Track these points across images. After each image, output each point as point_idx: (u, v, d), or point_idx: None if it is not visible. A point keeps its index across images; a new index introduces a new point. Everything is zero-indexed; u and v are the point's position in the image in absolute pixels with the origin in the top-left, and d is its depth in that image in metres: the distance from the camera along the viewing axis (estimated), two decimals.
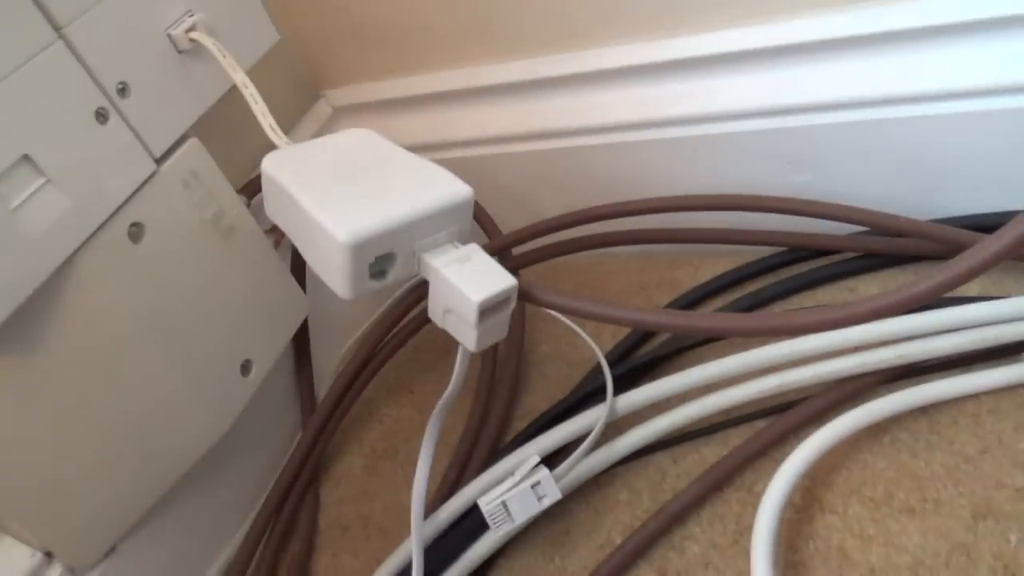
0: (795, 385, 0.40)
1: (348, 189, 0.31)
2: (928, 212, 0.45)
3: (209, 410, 0.42)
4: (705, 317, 0.33)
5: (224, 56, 0.41)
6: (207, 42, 0.41)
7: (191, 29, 0.40)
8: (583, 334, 0.44)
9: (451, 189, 0.31)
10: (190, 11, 0.41)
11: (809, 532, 0.36)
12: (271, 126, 0.42)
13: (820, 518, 0.37)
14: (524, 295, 0.32)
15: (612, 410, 0.41)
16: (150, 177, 0.39)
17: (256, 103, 0.42)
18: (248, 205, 0.47)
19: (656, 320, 0.32)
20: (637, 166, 0.51)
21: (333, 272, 0.29)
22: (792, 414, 0.40)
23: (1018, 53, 0.39)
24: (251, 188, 0.48)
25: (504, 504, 0.37)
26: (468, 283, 0.29)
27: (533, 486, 0.38)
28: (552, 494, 0.38)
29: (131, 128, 0.38)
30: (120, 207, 0.37)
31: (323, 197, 0.30)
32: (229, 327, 0.43)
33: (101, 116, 0.36)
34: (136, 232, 0.38)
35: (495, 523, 0.38)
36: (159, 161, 0.39)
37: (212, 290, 0.42)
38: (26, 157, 0.33)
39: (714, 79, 0.47)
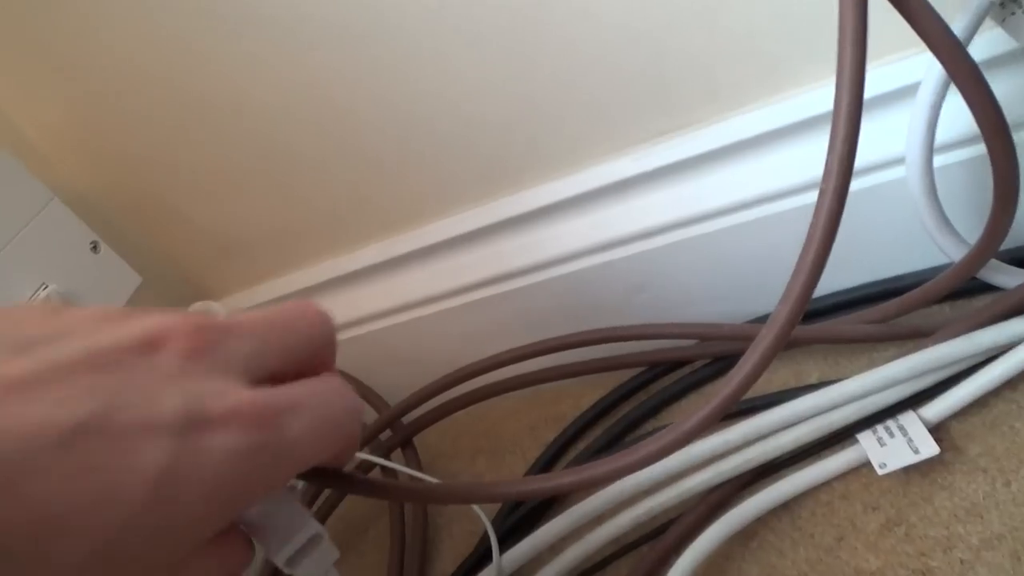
0: (664, 506, 0.42)
1: None
2: (762, 307, 0.48)
3: None
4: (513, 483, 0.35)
5: None
6: None
7: (46, 300, 0.44)
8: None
9: None
10: (44, 284, 0.44)
11: None
12: None
13: None
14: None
15: (500, 570, 0.42)
16: None
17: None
18: None
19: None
20: (500, 316, 0.54)
21: None
22: (667, 536, 0.41)
23: (783, 162, 0.43)
24: None
25: None
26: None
27: None
28: None
29: None
30: None
31: None
32: None
33: None
34: None
35: None
36: None
37: None
38: None
39: (547, 228, 0.51)
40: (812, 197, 0.44)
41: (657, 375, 0.51)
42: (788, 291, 0.30)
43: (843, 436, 0.40)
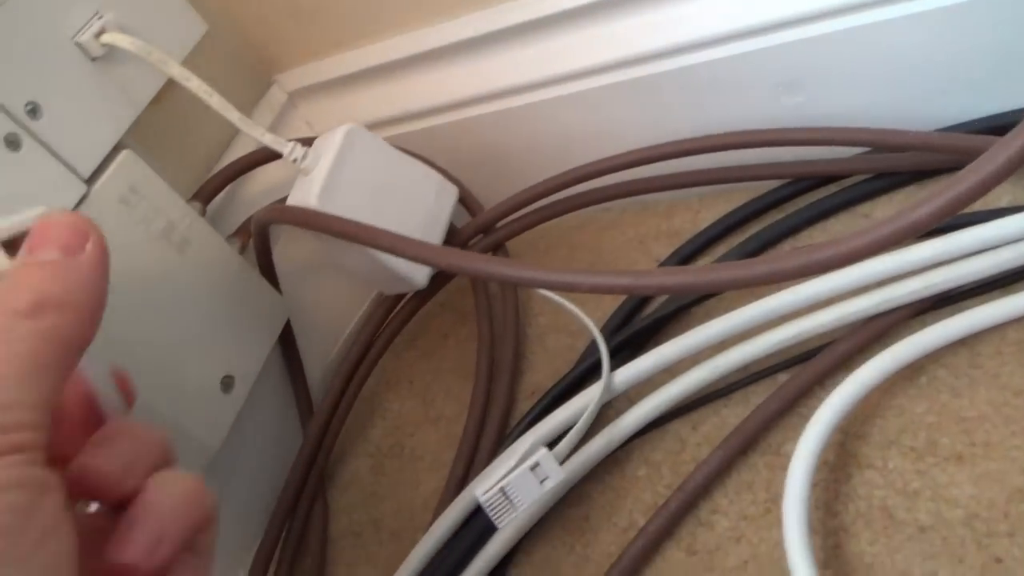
0: (816, 332, 0.36)
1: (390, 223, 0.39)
2: (937, 120, 0.40)
3: (192, 434, 0.40)
4: (687, 272, 0.29)
5: (150, 53, 0.38)
6: (124, 43, 0.37)
7: (101, 32, 0.37)
8: (570, 305, 0.40)
9: (446, 195, 0.45)
10: (98, 13, 0.37)
11: (847, 492, 0.33)
12: (240, 119, 0.39)
13: (858, 475, 0.33)
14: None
15: (610, 386, 0.38)
16: (81, 200, 0.36)
17: (211, 96, 0.39)
18: (204, 212, 0.43)
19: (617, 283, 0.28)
20: (615, 113, 0.46)
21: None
22: (815, 363, 0.36)
23: None
24: (207, 192, 0.44)
25: (503, 491, 0.34)
26: None
27: (532, 468, 0.35)
28: (555, 475, 0.35)
29: (49, 151, 0.34)
30: None
31: None
32: (200, 345, 0.41)
33: (12, 143, 0.33)
34: None
35: (497, 514, 0.35)
36: (90, 181, 0.36)
37: (174, 309, 0.39)
38: None
39: (683, 5, 0.42)
40: None
41: (800, 191, 0.44)
42: None
43: None
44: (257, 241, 0.43)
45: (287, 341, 0.49)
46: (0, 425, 0.18)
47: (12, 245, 0.24)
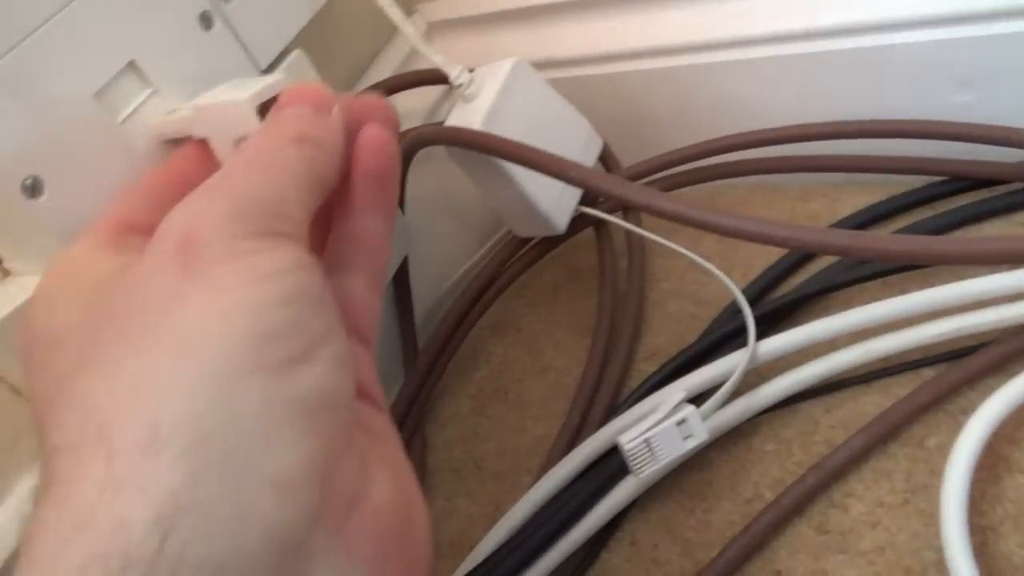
0: (975, 330, 0.35)
1: None
2: None
3: None
4: (900, 240, 0.28)
5: None
6: None
7: None
8: (716, 270, 0.40)
9: (594, 146, 0.46)
10: None
11: (996, 494, 0.33)
12: (415, 34, 0.40)
13: (1008, 478, 0.33)
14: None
15: (754, 355, 0.37)
16: None
17: (391, 6, 0.39)
18: None
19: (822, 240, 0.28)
20: (771, 86, 0.46)
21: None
22: (970, 361, 0.35)
23: None
24: None
25: (648, 442, 0.34)
26: None
27: (678, 423, 0.34)
28: (699, 434, 0.34)
29: (236, 35, 0.34)
30: None
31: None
32: None
33: (205, 20, 0.32)
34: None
35: (637, 464, 0.34)
36: (264, 74, 0.36)
37: None
38: (132, 64, 0.30)
39: None
40: None
41: (952, 191, 0.43)
42: None
43: None
44: (401, 160, 0.43)
45: (399, 270, 0.48)
46: (284, 217, 0.20)
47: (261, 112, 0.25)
